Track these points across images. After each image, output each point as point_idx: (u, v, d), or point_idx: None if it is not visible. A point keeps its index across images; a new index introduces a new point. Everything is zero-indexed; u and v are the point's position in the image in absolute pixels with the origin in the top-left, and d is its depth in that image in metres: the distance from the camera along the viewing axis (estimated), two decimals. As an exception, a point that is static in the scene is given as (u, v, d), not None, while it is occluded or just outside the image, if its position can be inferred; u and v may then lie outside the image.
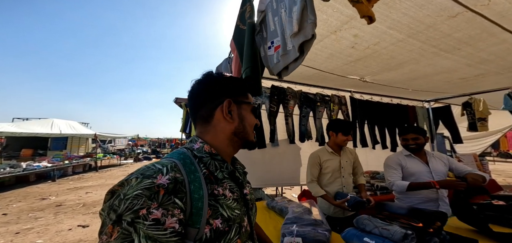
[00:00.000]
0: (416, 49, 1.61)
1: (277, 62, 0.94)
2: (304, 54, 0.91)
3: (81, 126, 10.36)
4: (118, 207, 0.38)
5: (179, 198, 0.42)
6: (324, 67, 2.08)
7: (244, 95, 0.60)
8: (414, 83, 2.54)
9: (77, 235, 2.98)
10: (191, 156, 0.51)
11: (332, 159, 1.70)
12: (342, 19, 1.33)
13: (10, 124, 7.20)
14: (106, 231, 0.38)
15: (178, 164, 0.46)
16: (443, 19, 1.19)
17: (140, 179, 0.41)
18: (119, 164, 11.19)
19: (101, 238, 0.39)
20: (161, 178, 0.41)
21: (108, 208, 0.40)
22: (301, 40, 0.86)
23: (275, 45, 0.95)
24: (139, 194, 0.38)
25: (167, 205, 0.40)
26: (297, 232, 1.11)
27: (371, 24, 0.80)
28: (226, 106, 0.55)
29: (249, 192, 0.59)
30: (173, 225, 0.39)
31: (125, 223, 0.38)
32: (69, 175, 7.89)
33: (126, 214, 0.38)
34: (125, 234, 0.37)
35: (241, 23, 1.11)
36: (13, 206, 4.31)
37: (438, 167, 1.56)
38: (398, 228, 0.83)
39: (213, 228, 0.44)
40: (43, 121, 8.43)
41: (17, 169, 5.92)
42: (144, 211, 0.38)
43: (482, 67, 1.95)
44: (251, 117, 0.59)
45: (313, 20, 0.84)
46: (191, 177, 0.46)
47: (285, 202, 1.74)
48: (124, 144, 17.46)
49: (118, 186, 0.41)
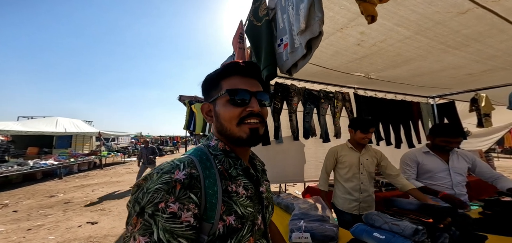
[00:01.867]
0: (423, 46, 1.60)
1: (286, 60, 0.95)
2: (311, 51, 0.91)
3: (85, 124, 10.47)
4: (142, 200, 0.41)
5: (194, 193, 0.43)
6: (329, 65, 2.07)
7: (217, 89, 0.53)
8: (419, 79, 2.52)
9: (86, 232, 3.05)
10: (208, 152, 0.52)
11: (350, 154, 1.70)
12: (349, 16, 1.32)
13: (15, 123, 7.30)
14: (131, 222, 0.41)
15: (194, 160, 0.48)
16: (453, 15, 1.18)
17: (160, 174, 0.43)
18: (123, 162, 11.33)
19: (127, 228, 0.42)
20: (178, 173, 0.43)
21: (133, 201, 0.42)
22: (308, 37, 0.87)
23: (284, 43, 0.96)
24: (158, 188, 0.41)
25: (183, 200, 0.42)
26: (305, 227, 1.13)
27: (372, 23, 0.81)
28: (204, 110, 0.56)
29: (266, 190, 0.59)
30: (188, 219, 0.41)
31: (146, 215, 0.40)
32: (74, 173, 8.01)
33: (147, 206, 0.40)
34: (146, 225, 0.39)
35: (255, 19, 1.11)
36: (23, 203, 4.41)
37: (458, 165, 1.53)
38: (408, 224, 0.84)
39: (226, 224, 0.45)
40: (48, 119, 8.54)
41: (25, 166, 6.03)
42: (162, 205, 0.40)
43: (489, 63, 1.93)
44: (225, 110, 0.50)
45: (320, 17, 0.85)
46: (206, 173, 0.47)
47: (291, 198, 1.76)
48: (127, 141, 17.61)
49: (143, 180, 0.44)
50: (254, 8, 1.11)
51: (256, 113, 0.51)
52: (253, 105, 0.50)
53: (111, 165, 10.35)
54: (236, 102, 0.50)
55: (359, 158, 1.68)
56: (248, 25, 1.14)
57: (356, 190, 1.66)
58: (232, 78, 0.53)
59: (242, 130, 0.50)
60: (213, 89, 0.54)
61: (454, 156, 1.57)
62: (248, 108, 0.50)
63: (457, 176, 1.53)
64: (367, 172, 1.67)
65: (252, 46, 1.09)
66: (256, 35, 1.08)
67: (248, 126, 0.50)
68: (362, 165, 1.67)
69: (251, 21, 1.12)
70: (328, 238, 1.07)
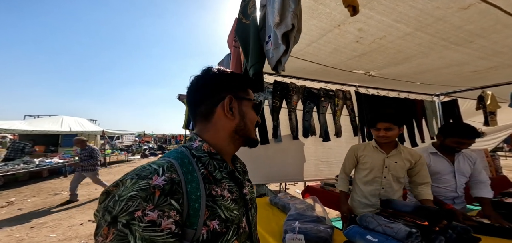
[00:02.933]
0: (424, 43, 1.55)
1: (272, 57, 0.93)
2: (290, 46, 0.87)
3: (89, 123, 10.64)
4: (113, 208, 0.38)
5: (175, 199, 0.41)
6: (327, 62, 2.04)
7: (245, 92, 0.58)
8: (423, 77, 2.45)
9: (88, 230, 3.10)
10: (190, 155, 0.50)
11: (372, 155, 1.45)
12: (346, 13, 1.27)
13: (22, 122, 7.47)
14: (101, 232, 0.38)
15: (175, 163, 0.45)
16: (454, 11, 1.13)
17: (135, 179, 0.40)
18: (126, 160, 11.49)
19: (96, 240, 0.38)
20: (156, 179, 0.41)
21: (103, 209, 0.39)
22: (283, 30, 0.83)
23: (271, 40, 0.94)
24: (134, 196, 0.38)
25: (163, 207, 0.39)
26: (299, 228, 1.12)
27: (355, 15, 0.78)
28: (227, 103, 0.53)
29: (249, 191, 0.58)
30: (169, 226, 0.39)
31: (120, 225, 0.37)
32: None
33: (121, 215, 0.37)
34: (120, 235, 0.37)
35: (244, 17, 1.09)
36: (28, 201, 4.52)
37: (463, 167, 1.48)
38: (402, 226, 0.81)
39: (210, 229, 0.44)
40: (53, 118, 8.71)
41: (31, 165, 6.17)
42: (139, 213, 0.37)
43: (495, 59, 1.86)
44: (252, 114, 0.58)
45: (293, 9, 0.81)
46: (188, 177, 0.45)
47: (288, 198, 1.75)
48: (131, 140, 17.85)
49: (113, 187, 0.41)
50: (243, 6, 1.10)
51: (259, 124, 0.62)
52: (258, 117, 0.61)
53: (115, 163, 10.51)
54: (258, 111, 0.60)
55: (383, 160, 1.41)
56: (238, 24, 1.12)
57: (374, 195, 1.43)
58: (250, 89, 0.61)
59: (255, 133, 0.60)
60: (241, 90, 0.57)
61: (460, 158, 1.50)
62: (259, 119, 0.61)
63: (462, 178, 1.48)
64: (393, 176, 1.40)
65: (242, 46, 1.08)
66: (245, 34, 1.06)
67: (255, 132, 0.60)
68: (386, 168, 1.40)
69: (240, 20, 1.10)
70: (322, 239, 1.06)
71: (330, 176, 2.82)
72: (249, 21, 1.05)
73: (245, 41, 1.04)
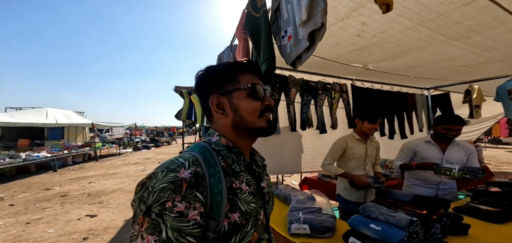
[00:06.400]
0: (423, 37, 1.59)
1: (290, 52, 0.92)
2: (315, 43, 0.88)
3: (77, 115, 10.20)
4: (147, 199, 0.41)
5: (200, 191, 0.43)
6: (328, 55, 2.04)
7: (235, 82, 0.53)
8: (416, 70, 2.53)
9: (86, 224, 3.06)
10: (211, 149, 0.51)
11: (358, 146, 1.69)
12: (351, 6, 1.28)
13: (3, 114, 7.04)
14: (138, 221, 0.41)
15: (199, 158, 0.47)
16: (456, 6, 1.16)
17: (165, 172, 0.42)
18: (118, 153, 11.23)
19: (134, 228, 0.42)
20: (183, 172, 0.43)
21: (138, 200, 0.42)
22: (311, 29, 0.83)
23: (288, 35, 0.92)
24: (164, 187, 0.41)
25: (189, 198, 0.41)
26: (304, 219, 1.16)
27: (387, 12, 0.78)
28: (214, 103, 0.53)
29: (267, 185, 0.59)
30: (195, 217, 0.41)
31: (154, 214, 0.40)
32: (69, 165, 7.91)
33: (154, 205, 0.40)
34: (154, 224, 0.40)
35: (253, 10, 1.05)
36: (19, 197, 4.36)
37: (454, 156, 1.57)
38: (403, 215, 0.87)
39: (231, 222, 0.45)
40: (37, 110, 8.26)
41: (17, 159, 5.90)
42: (169, 204, 0.40)
43: (487, 54, 1.95)
44: (247, 103, 0.52)
45: (323, 8, 0.81)
46: (211, 170, 0.47)
47: (289, 190, 1.80)
48: (121, 132, 17.35)
49: (147, 179, 0.44)
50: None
51: (271, 107, 0.55)
52: (269, 100, 0.55)
53: (107, 156, 10.25)
54: (258, 96, 0.53)
55: (366, 149, 1.69)
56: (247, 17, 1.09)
57: None
58: (246, 74, 0.55)
59: (262, 120, 0.54)
60: (227, 82, 0.53)
61: (454, 147, 1.60)
62: (265, 102, 0.54)
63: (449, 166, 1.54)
64: (371, 162, 1.73)
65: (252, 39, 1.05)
66: (255, 27, 1.03)
67: (265, 118, 0.54)
68: (368, 156, 1.70)
69: (249, 13, 1.07)
70: (326, 228, 1.11)
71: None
72: (259, 15, 1.02)
73: (256, 35, 1.02)
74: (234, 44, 1.79)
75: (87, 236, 2.73)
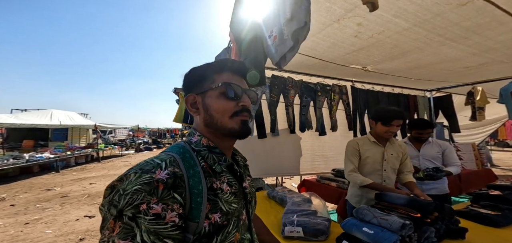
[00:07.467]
0: (421, 38, 1.57)
1: (275, 52, 0.92)
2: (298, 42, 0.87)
3: (80, 117, 10.34)
4: (119, 202, 0.39)
5: (178, 193, 0.42)
6: (325, 57, 2.04)
7: (210, 81, 0.53)
8: (417, 72, 2.50)
9: (84, 225, 3.08)
10: (190, 149, 0.50)
11: (372, 149, 1.48)
12: (346, 7, 1.28)
13: (9, 115, 7.18)
14: (108, 226, 0.39)
15: (177, 158, 0.46)
16: (452, 7, 1.14)
17: (138, 174, 0.41)
18: (120, 155, 11.33)
19: (103, 233, 0.40)
20: (160, 173, 0.41)
21: (108, 204, 0.40)
22: (294, 27, 0.82)
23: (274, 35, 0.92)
24: (138, 189, 0.39)
25: (167, 200, 0.40)
26: (297, 221, 1.14)
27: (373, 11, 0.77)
28: (189, 102, 0.55)
29: (249, 185, 0.59)
30: (173, 219, 0.40)
31: (126, 218, 0.38)
32: (72, 166, 8.00)
33: (126, 209, 0.38)
34: (127, 228, 0.38)
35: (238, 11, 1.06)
36: (20, 197, 4.41)
37: (428, 152, 1.80)
38: (396, 218, 0.85)
39: (212, 222, 0.45)
40: (42, 112, 8.40)
41: (21, 160, 5.99)
42: (144, 206, 0.38)
43: (487, 56, 1.91)
44: (218, 102, 0.51)
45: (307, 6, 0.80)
46: (190, 171, 0.46)
47: (286, 192, 1.78)
48: (124, 134, 17.52)
49: (117, 181, 0.42)
50: None
51: (247, 109, 0.53)
52: (246, 101, 0.53)
53: (109, 158, 10.35)
54: (231, 96, 0.52)
55: (383, 153, 1.46)
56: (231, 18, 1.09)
57: None
58: (225, 73, 0.54)
59: (234, 121, 0.52)
60: (204, 81, 0.54)
61: (427, 145, 1.83)
62: (241, 103, 0.52)
63: (426, 162, 1.78)
64: (391, 168, 1.46)
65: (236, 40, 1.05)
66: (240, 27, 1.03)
67: (240, 118, 0.52)
68: (385, 161, 1.45)
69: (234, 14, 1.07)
70: (319, 232, 1.09)
71: (326, 169, 2.89)
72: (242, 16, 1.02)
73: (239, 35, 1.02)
74: (230, 46, 1.80)
75: (84, 237, 2.74)
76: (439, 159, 1.78)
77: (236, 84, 0.53)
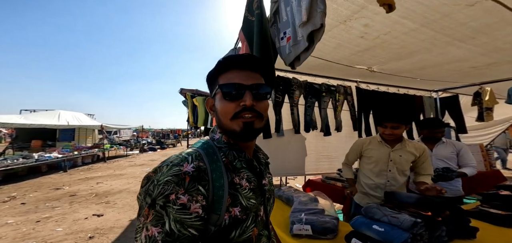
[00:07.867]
0: (428, 39, 1.57)
1: (289, 53, 0.94)
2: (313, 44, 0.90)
3: (87, 118, 10.53)
4: (153, 192, 0.42)
5: (202, 185, 0.45)
6: (331, 57, 2.05)
7: (215, 84, 0.54)
8: (423, 72, 2.48)
9: (93, 224, 3.13)
10: (214, 146, 0.53)
11: (378, 149, 1.49)
12: (353, 9, 1.29)
13: (18, 116, 7.36)
14: (143, 213, 0.43)
15: (201, 153, 0.49)
16: (460, 8, 1.15)
17: (169, 166, 0.44)
18: (125, 155, 11.46)
19: (139, 220, 0.43)
20: (186, 166, 0.45)
21: (144, 193, 0.44)
22: (310, 29, 0.85)
23: (287, 36, 0.94)
24: (169, 180, 0.42)
25: (192, 191, 0.43)
26: (306, 220, 1.16)
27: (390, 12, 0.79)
28: (208, 105, 0.58)
29: (268, 182, 0.60)
30: (197, 210, 0.43)
31: (158, 206, 0.41)
32: (79, 166, 8.14)
33: (158, 198, 0.41)
34: (158, 216, 0.41)
35: (250, 14, 1.09)
36: (30, 196, 4.52)
37: (441, 152, 1.78)
38: (407, 217, 0.86)
39: (232, 216, 0.47)
40: (50, 113, 8.59)
41: (30, 159, 6.13)
42: (173, 196, 0.41)
43: (495, 56, 1.90)
44: (221, 104, 0.52)
45: (323, 9, 0.83)
46: (213, 166, 0.49)
47: (292, 191, 1.79)
48: (129, 134, 17.74)
49: (152, 172, 0.45)
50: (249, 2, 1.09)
51: (249, 108, 0.50)
52: (245, 100, 0.49)
53: (114, 158, 10.49)
54: (229, 97, 0.51)
55: (389, 154, 1.45)
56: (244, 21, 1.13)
57: (379, 187, 1.47)
58: (229, 72, 0.53)
59: (235, 123, 0.50)
60: (213, 84, 0.56)
61: (441, 145, 1.81)
62: (241, 102, 0.50)
63: (439, 162, 1.76)
64: (398, 169, 1.43)
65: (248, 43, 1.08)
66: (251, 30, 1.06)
67: (241, 120, 0.50)
68: (391, 162, 1.44)
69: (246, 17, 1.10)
70: (328, 230, 1.10)
71: (330, 170, 2.88)
72: (253, 18, 1.05)
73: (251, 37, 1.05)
74: (238, 46, 1.83)
75: (93, 235, 2.79)
76: (453, 160, 1.74)
77: (235, 82, 0.50)
